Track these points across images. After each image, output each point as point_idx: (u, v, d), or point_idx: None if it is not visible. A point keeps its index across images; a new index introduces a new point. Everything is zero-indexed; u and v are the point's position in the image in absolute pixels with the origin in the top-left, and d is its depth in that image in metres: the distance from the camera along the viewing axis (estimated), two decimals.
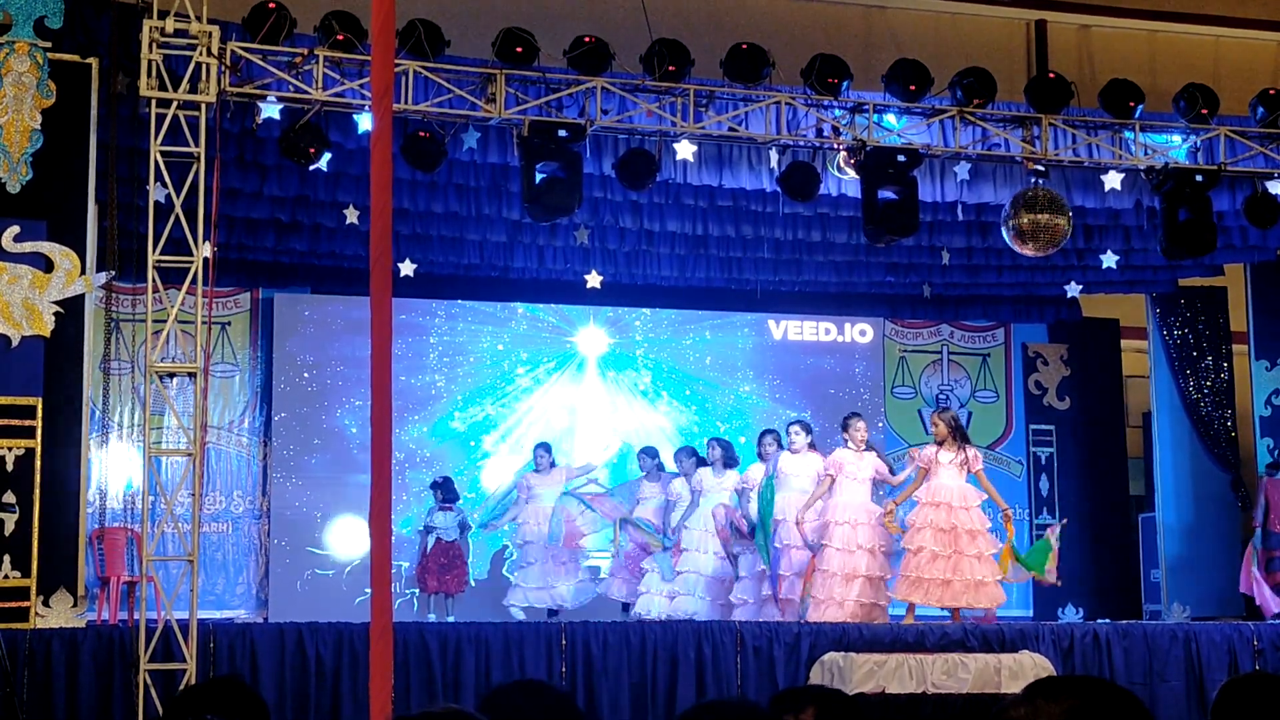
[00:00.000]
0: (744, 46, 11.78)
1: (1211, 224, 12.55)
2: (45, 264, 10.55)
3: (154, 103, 10.41)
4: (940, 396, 16.41)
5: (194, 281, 10.44)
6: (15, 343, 10.44)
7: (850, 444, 12.73)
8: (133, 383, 12.17)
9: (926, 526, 12.11)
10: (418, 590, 13.82)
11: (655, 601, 13.05)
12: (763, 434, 13.57)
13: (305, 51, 10.88)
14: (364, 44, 10.85)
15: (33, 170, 10.56)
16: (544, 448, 13.72)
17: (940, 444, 12.29)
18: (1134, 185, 12.80)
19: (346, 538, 14.33)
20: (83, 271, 10.60)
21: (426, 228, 13.64)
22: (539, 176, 11.30)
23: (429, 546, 13.41)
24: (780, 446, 13.21)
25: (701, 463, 13.35)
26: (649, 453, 13.90)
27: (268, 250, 13.92)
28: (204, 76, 10.48)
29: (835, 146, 12.08)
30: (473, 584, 13.85)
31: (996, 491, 12.61)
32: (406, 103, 11.03)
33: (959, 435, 12.28)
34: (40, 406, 10.42)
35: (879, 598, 12.43)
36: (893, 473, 12.84)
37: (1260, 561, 14.18)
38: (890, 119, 12.18)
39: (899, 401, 16.30)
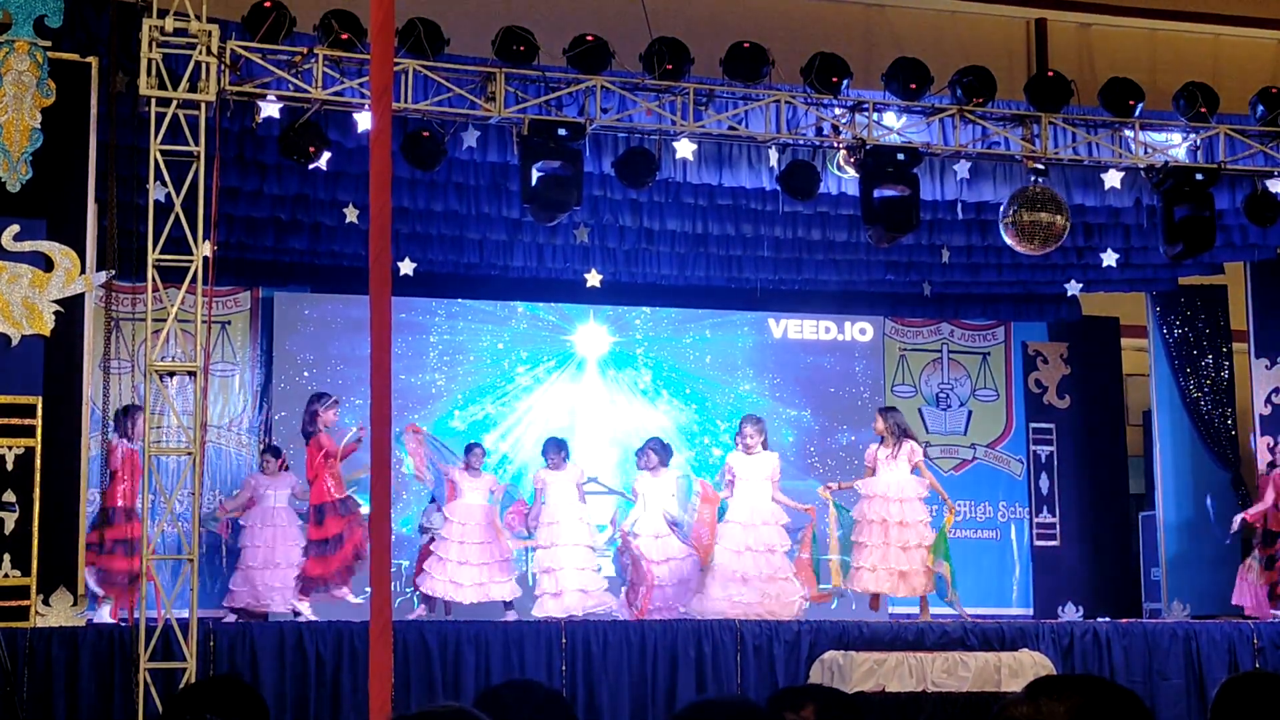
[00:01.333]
0: (744, 45, 11.77)
1: (1211, 222, 12.55)
2: (45, 263, 10.55)
3: (154, 102, 10.41)
4: (940, 395, 16.41)
5: (194, 280, 10.45)
6: (15, 342, 10.44)
7: (739, 447, 12.89)
8: (133, 382, 12.16)
9: (872, 520, 12.55)
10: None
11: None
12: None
13: (305, 50, 10.88)
14: (364, 43, 10.85)
15: (32, 169, 10.56)
16: (272, 452, 13.25)
17: (881, 441, 12.76)
18: (1134, 184, 12.80)
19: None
20: (82, 270, 10.60)
21: (426, 226, 13.64)
22: (538, 175, 11.31)
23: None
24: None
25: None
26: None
27: (268, 249, 13.92)
28: (204, 75, 10.48)
29: (835, 145, 12.08)
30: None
31: (939, 483, 13.00)
32: (406, 101, 11.03)
33: (896, 432, 12.67)
34: (40, 405, 10.42)
35: (777, 599, 12.40)
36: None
37: (1260, 561, 14.14)
38: (890, 117, 12.18)
39: (899, 400, 16.27)
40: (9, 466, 10.33)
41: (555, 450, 13.19)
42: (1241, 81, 14.26)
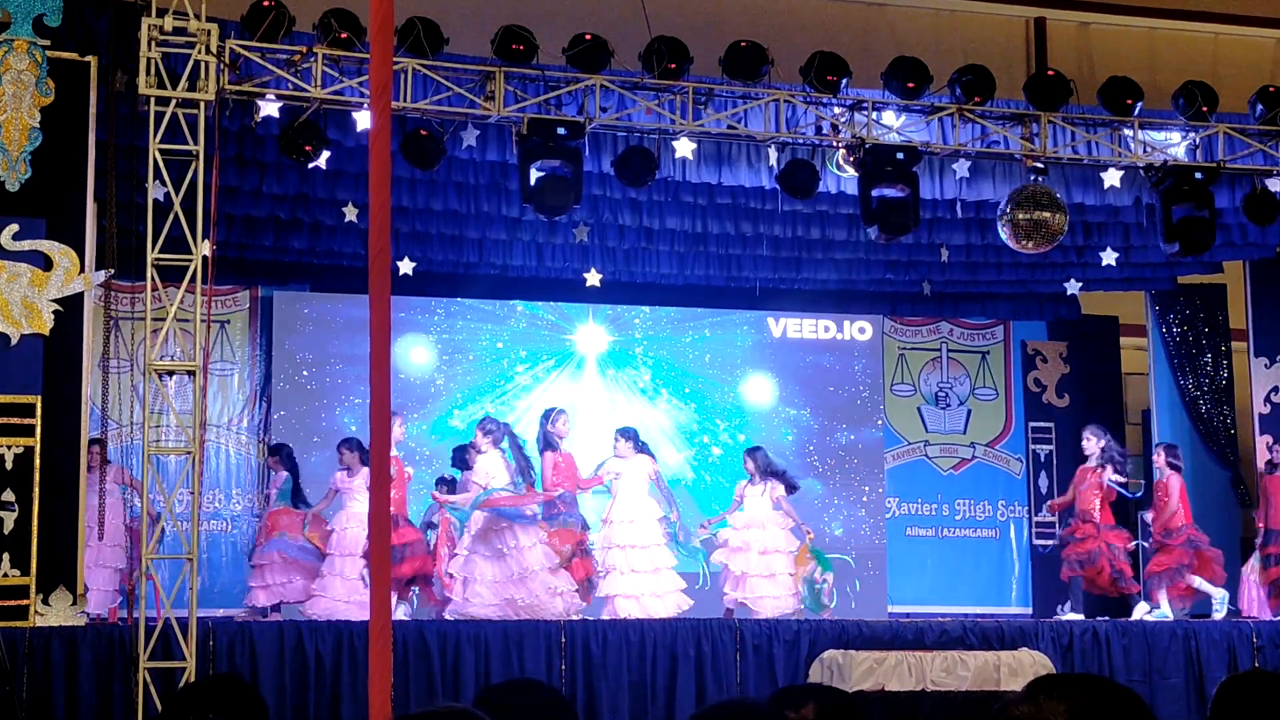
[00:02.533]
0: (743, 44, 11.77)
1: (1210, 221, 12.55)
2: (44, 262, 10.55)
3: (153, 101, 10.41)
4: (939, 394, 16.41)
5: (193, 279, 10.44)
6: (14, 341, 10.44)
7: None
8: (132, 381, 12.16)
9: (736, 548, 13.17)
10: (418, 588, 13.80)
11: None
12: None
13: (304, 49, 10.88)
14: (363, 42, 10.84)
15: (31, 168, 10.55)
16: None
17: (750, 479, 13.36)
18: (1133, 182, 12.80)
19: None
20: (82, 270, 10.59)
21: (425, 225, 13.64)
22: (537, 175, 11.31)
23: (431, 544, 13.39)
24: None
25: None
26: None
27: (267, 248, 13.91)
28: (203, 74, 10.48)
29: (834, 144, 12.08)
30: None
31: (796, 515, 13.51)
32: (405, 100, 11.03)
33: (762, 472, 13.32)
34: (39, 405, 10.42)
35: (520, 595, 12.23)
36: (524, 477, 12.71)
37: (1260, 561, 14.12)
38: (889, 116, 12.18)
39: (898, 399, 16.30)
40: (8, 466, 10.33)
41: (350, 450, 12.75)
42: (1241, 80, 14.25)
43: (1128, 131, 12.54)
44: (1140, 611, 13.43)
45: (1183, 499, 13.80)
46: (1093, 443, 13.99)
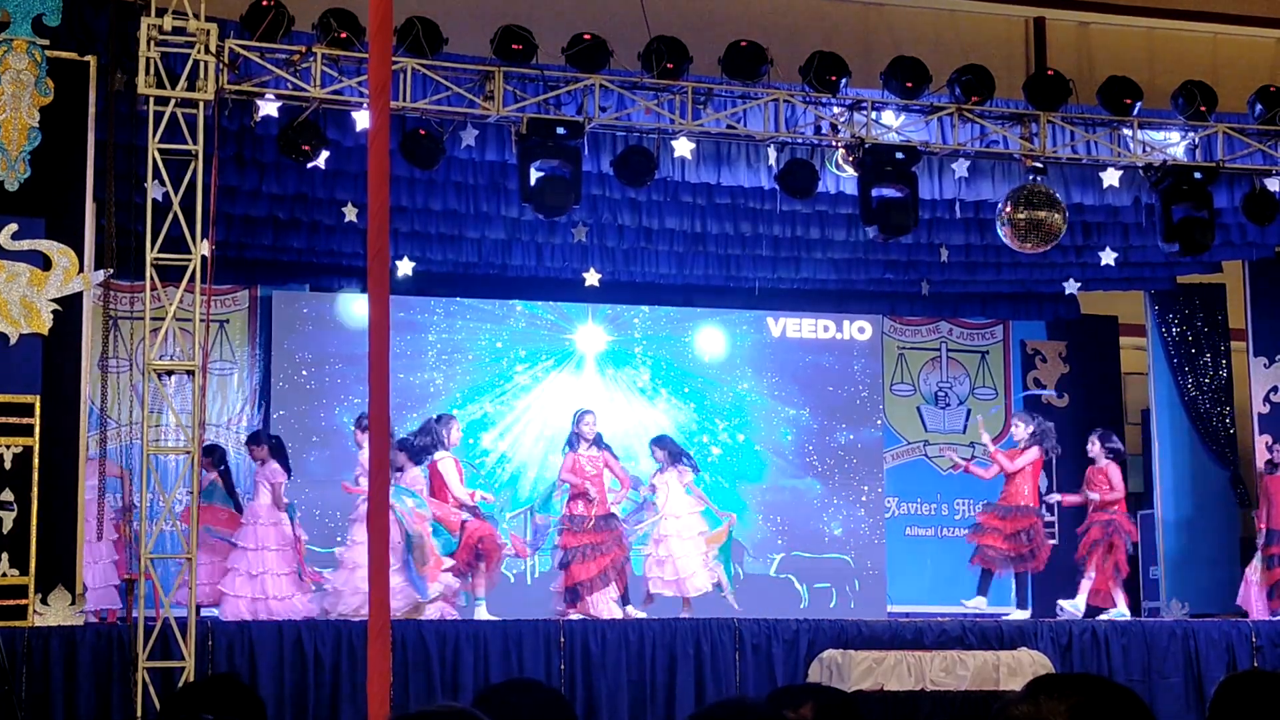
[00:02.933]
0: (742, 44, 11.78)
1: (1209, 221, 12.55)
2: (43, 262, 10.55)
3: (152, 100, 10.41)
4: (939, 393, 16.41)
5: (192, 279, 10.44)
6: (13, 340, 10.44)
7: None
8: (131, 380, 12.16)
9: (657, 539, 13.38)
10: None
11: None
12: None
13: (303, 49, 10.88)
14: (362, 41, 10.84)
15: (31, 168, 10.56)
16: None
17: (661, 466, 13.54)
18: (1132, 182, 12.80)
19: None
20: (81, 269, 10.59)
21: (425, 225, 13.64)
22: (537, 175, 11.31)
23: None
24: None
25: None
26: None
27: (266, 248, 13.91)
28: (202, 74, 10.48)
29: (834, 144, 12.08)
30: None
31: (709, 499, 13.85)
32: (405, 100, 11.02)
33: (669, 459, 13.54)
34: (38, 404, 10.42)
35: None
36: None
37: (1263, 561, 14.12)
38: (889, 116, 12.18)
39: (898, 399, 16.29)
40: (7, 465, 10.33)
41: (257, 445, 12.92)
42: (1240, 80, 14.25)
43: (1127, 131, 12.54)
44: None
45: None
46: (1021, 429, 14.21)
